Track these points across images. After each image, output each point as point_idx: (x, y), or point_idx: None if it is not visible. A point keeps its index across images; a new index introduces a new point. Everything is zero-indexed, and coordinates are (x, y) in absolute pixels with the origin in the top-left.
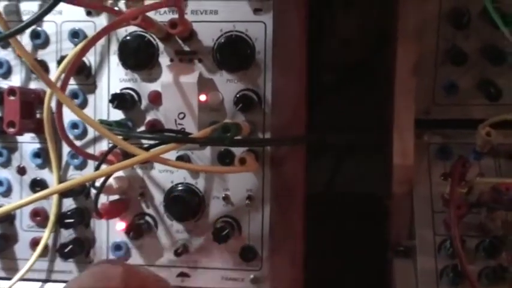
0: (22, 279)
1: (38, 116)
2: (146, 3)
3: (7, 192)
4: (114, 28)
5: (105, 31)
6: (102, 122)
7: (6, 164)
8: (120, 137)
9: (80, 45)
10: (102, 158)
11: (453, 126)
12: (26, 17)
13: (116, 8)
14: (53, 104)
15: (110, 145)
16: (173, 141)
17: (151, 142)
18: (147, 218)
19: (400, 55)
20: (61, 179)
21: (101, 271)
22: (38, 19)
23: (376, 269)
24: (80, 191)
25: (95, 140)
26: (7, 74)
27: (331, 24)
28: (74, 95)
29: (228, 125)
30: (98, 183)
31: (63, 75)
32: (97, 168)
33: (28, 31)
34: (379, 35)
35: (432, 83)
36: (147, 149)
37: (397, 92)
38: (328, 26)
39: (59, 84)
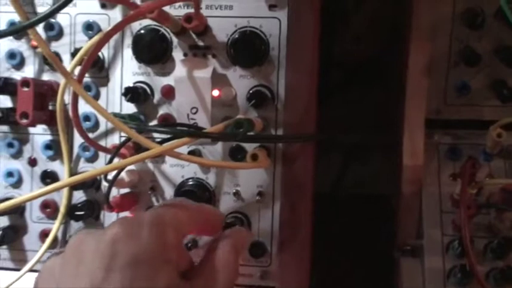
0: (31, 270)
1: (50, 107)
2: None
3: (18, 184)
4: (130, 21)
5: (122, 25)
6: (115, 115)
7: (18, 155)
8: (134, 131)
9: (95, 38)
10: (116, 151)
11: (464, 127)
12: (40, 8)
13: (131, 1)
14: (66, 96)
15: (122, 138)
16: (186, 136)
17: (164, 136)
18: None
19: (413, 54)
20: (72, 171)
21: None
22: (57, 10)
23: (383, 267)
24: (90, 184)
25: (107, 133)
26: (20, 65)
27: (342, 20)
28: (87, 88)
29: (241, 120)
30: (109, 176)
31: (77, 68)
32: (110, 161)
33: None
34: (391, 32)
35: (444, 83)
36: (161, 143)
37: (408, 92)
38: (340, 22)
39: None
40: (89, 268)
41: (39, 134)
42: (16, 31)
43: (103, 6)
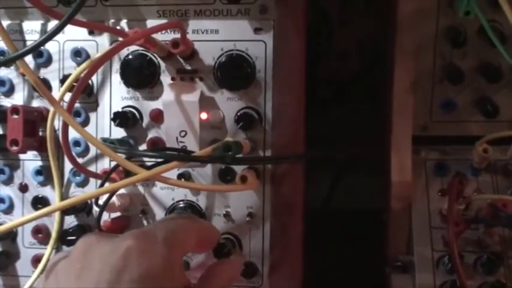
0: None
1: (40, 133)
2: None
3: (9, 210)
4: (119, 50)
5: (111, 53)
6: (104, 140)
7: (8, 181)
8: (123, 156)
9: (84, 65)
10: (106, 177)
11: (450, 143)
12: (28, 36)
13: (118, 27)
14: (56, 122)
15: (112, 163)
16: (176, 160)
17: (153, 160)
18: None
19: (398, 72)
20: (63, 197)
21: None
22: (46, 40)
23: (374, 283)
24: (81, 208)
25: (97, 158)
26: (10, 93)
27: (328, 39)
28: (77, 113)
29: (229, 143)
30: (100, 201)
31: (66, 94)
32: (101, 186)
33: None
34: (376, 49)
35: (429, 100)
36: (150, 167)
37: (394, 109)
38: (325, 42)
39: (62, 103)
40: (96, 278)
41: (30, 159)
42: (4, 63)
43: (91, 32)
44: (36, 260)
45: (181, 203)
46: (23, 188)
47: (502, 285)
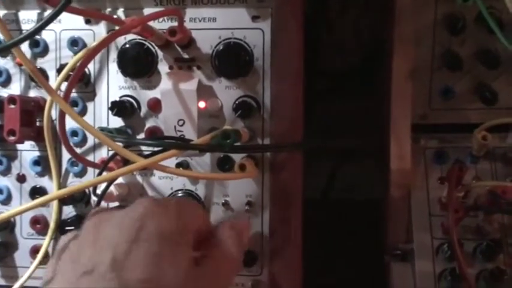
0: (22, 287)
1: (37, 124)
2: (146, 11)
3: (7, 200)
4: (115, 37)
5: (107, 41)
6: (102, 129)
7: (6, 172)
8: (121, 144)
9: (80, 54)
10: (104, 166)
11: (450, 131)
12: (25, 25)
13: (115, 16)
14: (53, 112)
15: (110, 152)
16: (174, 148)
17: (152, 149)
18: None
19: (397, 61)
20: (61, 187)
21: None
22: (41, 28)
23: (374, 272)
24: (80, 198)
25: (95, 147)
26: (6, 83)
27: (326, 29)
28: (74, 103)
29: (228, 131)
30: (98, 191)
31: (63, 84)
32: (99, 175)
33: None
34: (374, 40)
35: (428, 88)
36: (148, 156)
37: (393, 98)
38: (324, 32)
39: (59, 92)
40: (112, 242)
41: (27, 150)
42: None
43: (87, 22)
44: (34, 251)
45: (179, 192)
46: (21, 179)
47: (502, 272)
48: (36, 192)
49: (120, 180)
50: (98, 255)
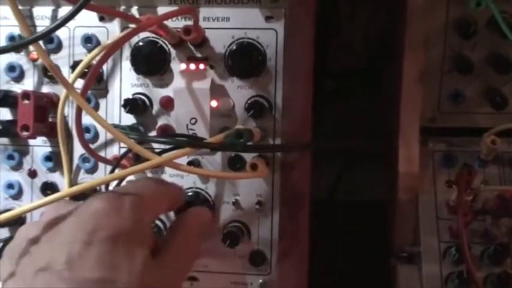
0: None
1: (50, 119)
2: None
3: (18, 195)
4: (132, 36)
5: (124, 39)
6: (115, 126)
7: (18, 167)
8: (135, 142)
9: (96, 51)
10: (118, 161)
11: (458, 134)
12: (39, 21)
13: (129, 14)
14: (66, 110)
15: (121, 149)
16: (187, 146)
17: (164, 146)
18: (158, 223)
19: (407, 63)
20: (72, 183)
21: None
22: (62, 24)
23: (380, 274)
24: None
25: (106, 144)
26: (20, 78)
27: (337, 30)
28: (87, 100)
29: (241, 131)
30: (110, 188)
31: (77, 80)
32: (111, 172)
33: None
34: (384, 41)
35: (438, 92)
36: (160, 153)
37: (403, 100)
38: (334, 33)
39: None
40: (67, 240)
41: (39, 145)
42: (21, 46)
43: (101, 19)
44: None
45: (189, 190)
46: (32, 174)
47: (509, 276)
48: (47, 187)
49: (131, 177)
50: (53, 251)
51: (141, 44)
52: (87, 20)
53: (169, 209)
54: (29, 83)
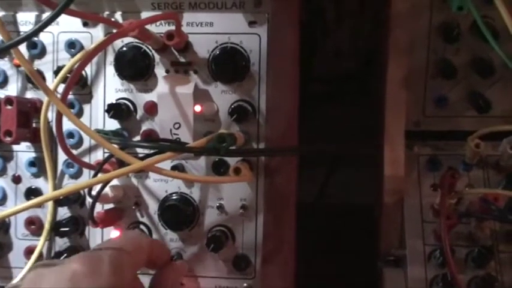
0: None
1: (34, 125)
2: (143, 15)
3: (2, 201)
4: (113, 40)
5: (105, 44)
6: (98, 131)
7: (2, 172)
8: (117, 146)
9: (78, 56)
10: (100, 167)
11: (443, 138)
12: (22, 27)
13: (113, 19)
14: (49, 114)
15: (105, 154)
16: (169, 150)
17: (147, 151)
18: (142, 227)
19: (391, 68)
20: (56, 188)
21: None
22: (40, 30)
23: (366, 277)
24: (74, 200)
25: (90, 150)
26: (3, 84)
27: (322, 36)
28: (70, 105)
29: (223, 135)
30: (93, 192)
31: (60, 85)
32: (94, 176)
33: None
34: (370, 46)
35: (422, 96)
36: (144, 158)
37: (387, 105)
38: (320, 38)
39: (55, 94)
40: None
41: (23, 151)
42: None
43: (85, 24)
44: (29, 252)
45: (174, 195)
46: (16, 180)
47: (493, 279)
48: (32, 193)
49: (115, 182)
50: None
51: (124, 49)
52: (71, 25)
53: (152, 263)
54: (12, 89)
